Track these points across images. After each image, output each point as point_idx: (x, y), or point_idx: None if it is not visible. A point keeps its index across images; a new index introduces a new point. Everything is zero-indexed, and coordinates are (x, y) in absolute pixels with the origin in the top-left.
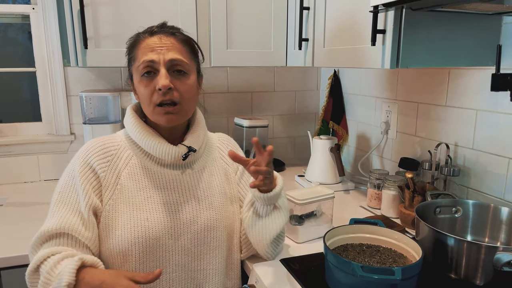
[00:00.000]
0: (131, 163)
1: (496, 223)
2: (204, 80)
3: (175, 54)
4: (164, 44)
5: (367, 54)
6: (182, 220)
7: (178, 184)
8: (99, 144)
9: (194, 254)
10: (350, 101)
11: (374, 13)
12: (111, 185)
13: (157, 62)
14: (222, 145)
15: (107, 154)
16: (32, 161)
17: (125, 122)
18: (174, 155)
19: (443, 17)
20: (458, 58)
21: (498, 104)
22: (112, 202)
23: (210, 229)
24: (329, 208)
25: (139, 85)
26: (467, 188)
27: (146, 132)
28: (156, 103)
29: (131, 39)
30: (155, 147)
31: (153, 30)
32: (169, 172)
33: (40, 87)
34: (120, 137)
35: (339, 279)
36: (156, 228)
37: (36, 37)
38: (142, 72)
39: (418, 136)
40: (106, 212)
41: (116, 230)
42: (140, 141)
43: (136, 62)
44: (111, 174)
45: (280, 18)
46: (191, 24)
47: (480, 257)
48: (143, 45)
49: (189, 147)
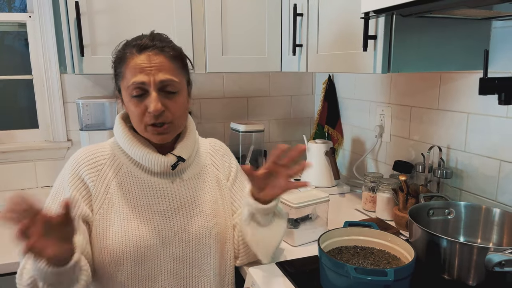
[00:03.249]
0: (121, 172)
1: (488, 224)
2: (200, 85)
3: (165, 75)
4: (153, 65)
5: (359, 59)
6: (173, 228)
7: (168, 193)
8: (88, 153)
9: (186, 261)
10: (345, 105)
11: (365, 20)
12: (100, 195)
13: (148, 84)
14: (214, 151)
15: (97, 164)
16: (29, 168)
17: (114, 131)
18: (163, 165)
19: (433, 23)
20: (449, 63)
21: (489, 107)
22: (102, 212)
23: (202, 237)
24: (324, 211)
25: (129, 104)
26: (460, 190)
27: (135, 141)
28: (147, 123)
29: (118, 52)
30: (144, 156)
31: (141, 45)
32: (159, 181)
33: (37, 94)
34: (110, 146)
35: (333, 281)
36: (148, 236)
37: (32, 45)
38: (132, 93)
39: (411, 139)
40: (96, 221)
41: (108, 240)
42: (130, 151)
43: (125, 81)
44: (101, 184)
45: (274, 24)
46: (186, 31)
47: (472, 258)
48: (131, 64)
49: (178, 157)
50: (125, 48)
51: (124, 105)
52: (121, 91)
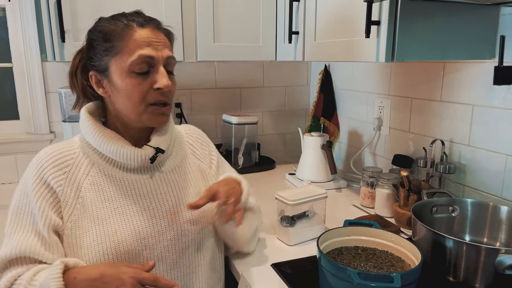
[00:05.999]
0: (92, 172)
1: (495, 222)
2: (191, 75)
3: (169, 52)
4: (159, 40)
5: (360, 47)
6: (157, 228)
7: (147, 190)
8: (53, 154)
9: (172, 261)
10: (342, 96)
11: (368, 3)
12: (71, 200)
13: (156, 59)
14: (191, 139)
15: (63, 165)
16: (10, 162)
17: (81, 126)
18: (140, 158)
19: (439, 8)
20: (455, 51)
21: (495, 99)
22: (74, 218)
23: (188, 233)
24: (322, 209)
25: (124, 81)
26: (463, 185)
27: (107, 135)
28: (150, 102)
29: (107, 25)
30: (118, 151)
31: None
32: (136, 178)
33: (17, 83)
34: (77, 144)
35: (334, 285)
36: (128, 241)
37: (12, 30)
38: (137, 68)
39: (411, 132)
40: (68, 230)
41: (82, 249)
42: (100, 147)
43: (125, 55)
44: (70, 187)
45: (269, 11)
46: (175, 16)
47: (480, 259)
48: (135, 36)
49: (156, 148)
50: (118, 21)
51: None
52: (109, 70)
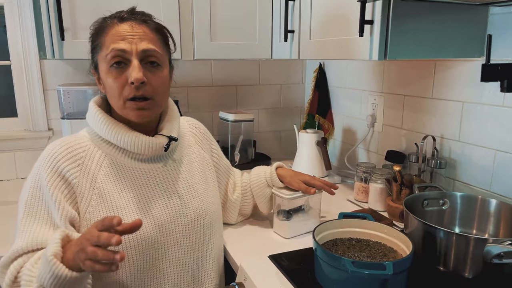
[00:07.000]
0: (105, 163)
1: (484, 215)
2: (187, 73)
3: (149, 44)
4: (136, 33)
5: (354, 45)
6: (171, 214)
7: (162, 178)
8: (65, 147)
9: (186, 246)
10: (336, 94)
11: (362, 3)
12: (87, 192)
13: (129, 52)
14: (194, 129)
15: (77, 158)
16: (8, 158)
17: (89, 119)
18: (155, 147)
19: (431, 8)
20: (446, 49)
21: (484, 96)
22: (91, 209)
23: (198, 218)
24: (317, 203)
25: (107, 76)
26: (453, 180)
27: (119, 127)
28: (127, 97)
29: (96, 23)
30: (132, 141)
31: (122, 16)
32: (150, 167)
33: (16, 81)
34: (86, 137)
35: (329, 274)
36: (147, 229)
37: (11, 28)
38: (111, 62)
39: (404, 128)
40: (87, 221)
41: None
42: (113, 138)
43: (104, 50)
44: (85, 179)
45: (265, 9)
46: (173, 15)
47: (469, 249)
48: (112, 32)
49: (169, 136)
50: (105, 19)
51: (101, 84)
52: (99, 66)
